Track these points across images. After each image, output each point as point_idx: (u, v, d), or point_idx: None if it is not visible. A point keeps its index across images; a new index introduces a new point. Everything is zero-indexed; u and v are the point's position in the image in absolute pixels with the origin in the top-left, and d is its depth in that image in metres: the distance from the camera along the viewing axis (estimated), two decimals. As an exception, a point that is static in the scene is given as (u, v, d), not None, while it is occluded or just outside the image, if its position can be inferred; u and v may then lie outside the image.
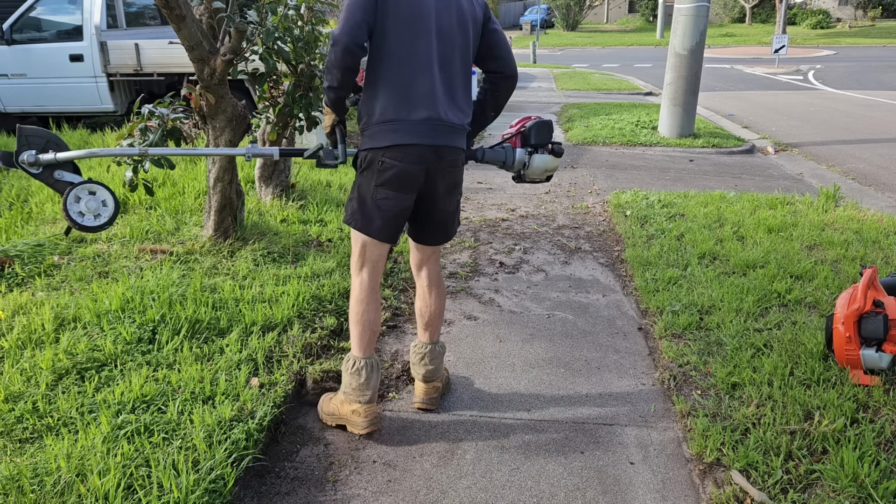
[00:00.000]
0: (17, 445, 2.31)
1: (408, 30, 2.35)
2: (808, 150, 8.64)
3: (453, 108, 2.44)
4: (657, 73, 16.85)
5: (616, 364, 3.19)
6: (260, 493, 2.31)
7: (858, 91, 14.78)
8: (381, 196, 2.41)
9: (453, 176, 2.52)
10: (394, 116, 2.36)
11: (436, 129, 2.38)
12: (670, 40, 8.72)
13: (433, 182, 2.46)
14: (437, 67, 2.40)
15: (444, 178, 2.48)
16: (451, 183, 2.52)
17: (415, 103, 2.37)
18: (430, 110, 2.37)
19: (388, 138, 2.36)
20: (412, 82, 2.37)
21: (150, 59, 7.62)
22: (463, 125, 2.48)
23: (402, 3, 2.34)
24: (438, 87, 2.39)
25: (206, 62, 3.72)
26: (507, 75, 2.59)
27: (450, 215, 2.62)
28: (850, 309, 2.80)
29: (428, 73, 2.38)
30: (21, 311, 3.22)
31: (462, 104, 2.48)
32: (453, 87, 2.45)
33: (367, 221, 2.45)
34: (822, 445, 2.42)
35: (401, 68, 2.37)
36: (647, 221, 5.09)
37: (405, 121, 2.36)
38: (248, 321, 3.20)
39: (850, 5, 39.98)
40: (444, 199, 2.53)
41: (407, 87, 2.37)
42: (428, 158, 2.39)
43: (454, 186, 2.55)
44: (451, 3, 2.41)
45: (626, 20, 46.23)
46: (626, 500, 2.29)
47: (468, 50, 2.48)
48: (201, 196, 5.09)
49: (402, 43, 2.36)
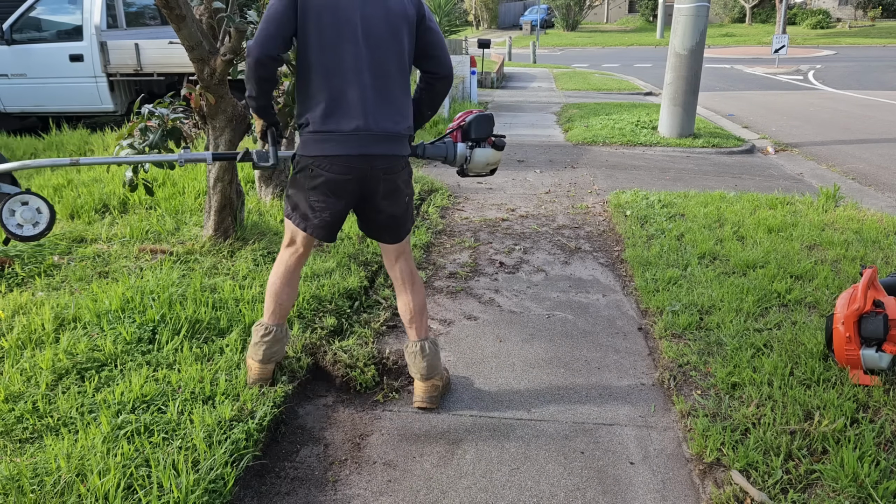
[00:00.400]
0: (17, 445, 2.31)
1: (333, 39, 2.37)
2: (808, 150, 8.65)
3: (388, 115, 2.45)
4: (657, 73, 16.85)
5: (616, 364, 3.19)
6: (260, 493, 2.31)
7: (858, 91, 14.78)
8: (314, 199, 2.49)
9: (391, 182, 2.53)
10: (321, 127, 2.40)
11: (365, 140, 2.41)
12: (670, 40, 8.71)
13: (369, 188, 2.50)
14: (368, 75, 2.41)
15: (379, 184, 2.50)
16: (390, 189, 2.54)
17: (344, 114, 2.39)
18: (359, 120, 2.40)
19: (318, 148, 2.42)
20: (341, 93, 2.39)
21: (150, 59, 7.62)
22: (399, 132, 2.48)
23: (324, 13, 2.35)
24: (369, 95, 2.41)
25: (206, 62, 3.72)
26: (442, 76, 2.58)
27: (395, 218, 2.62)
28: (850, 309, 2.80)
29: (356, 82, 2.39)
30: (21, 311, 3.22)
31: (400, 109, 2.49)
32: (388, 94, 2.45)
33: (303, 219, 2.54)
34: (822, 445, 2.42)
35: (329, 79, 2.39)
36: (647, 221, 5.09)
37: (334, 132, 2.40)
38: (248, 321, 3.20)
39: (850, 5, 39.98)
40: (384, 203, 2.56)
41: (336, 97, 2.39)
42: (358, 168, 2.43)
43: (393, 191, 2.56)
44: (378, 7, 2.40)
45: (626, 20, 46.23)
46: (626, 500, 2.29)
47: (404, 53, 2.48)
48: (201, 196, 5.09)
49: (327, 53, 2.38)
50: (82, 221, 4.65)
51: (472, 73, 11.89)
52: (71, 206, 4.83)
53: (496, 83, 15.97)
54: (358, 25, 2.38)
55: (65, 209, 4.80)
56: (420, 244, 4.63)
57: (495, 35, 35.41)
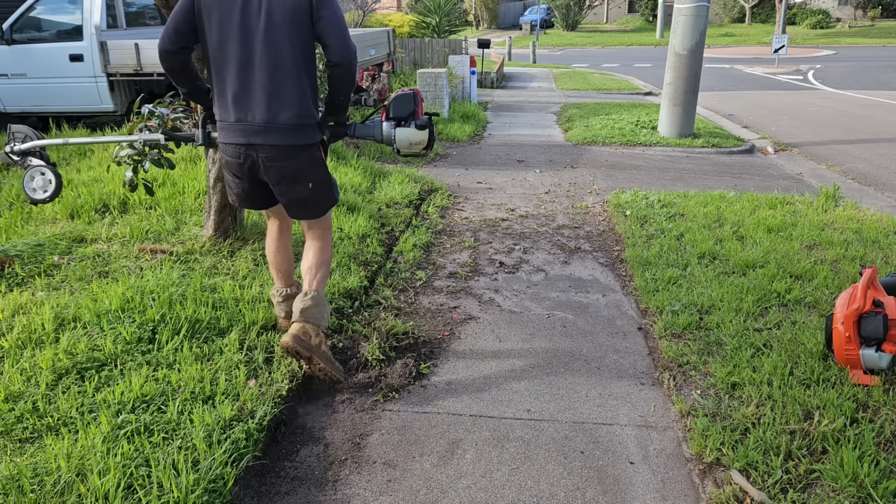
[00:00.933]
0: (17, 445, 2.31)
1: (220, 37, 2.54)
2: (807, 150, 8.65)
3: (270, 107, 2.57)
4: (657, 73, 16.85)
5: (616, 364, 3.19)
6: (260, 492, 2.31)
7: (858, 91, 14.78)
8: (225, 176, 2.86)
9: (281, 169, 2.66)
10: (218, 117, 2.70)
11: (245, 130, 2.60)
12: (670, 40, 8.72)
13: (260, 173, 2.70)
14: (250, 70, 2.55)
15: (268, 171, 2.67)
16: (282, 175, 2.67)
17: (229, 106, 2.61)
18: (239, 113, 2.59)
19: (220, 135, 2.71)
20: (226, 87, 2.60)
21: (150, 59, 7.61)
22: (282, 122, 2.59)
23: (213, 13, 2.52)
24: (251, 90, 2.56)
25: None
26: (334, 63, 2.58)
27: (298, 201, 2.77)
28: (849, 309, 2.80)
29: (238, 78, 2.56)
30: (21, 311, 3.22)
31: (287, 101, 2.57)
32: (272, 87, 2.55)
33: (227, 191, 2.96)
34: (822, 445, 2.42)
35: (218, 73, 2.61)
36: (646, 221, 5.09)
37: (224, 122, 2.66)
38: (248, 321, 3.20)
39: (849, 5, 39.97)
40: (280, 188, 2.72)
41: (224, 90, 2.61)
42: (243, 154, 2.65)
43: (286, 177, 2.68)
44: (261, 3, 2.50)
45: (625, 20, 46.23)
46: (625, 500, 2.29)
47: (297, 44, 2.54)
48: (201, 196, 5.09)
49: (216, 50, 2.56)
50: (82, 221, 4.65)
51: (472, 73, 11.89)
52: (71, 206, 4.83)
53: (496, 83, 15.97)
54: (238, 24, 2.51)
55: (65, 209, 4.80)
56: (420, 244, 4.63)
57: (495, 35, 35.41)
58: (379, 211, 5.32)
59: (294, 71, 2.57)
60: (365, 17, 16.79)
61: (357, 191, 5.66)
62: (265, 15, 2.49)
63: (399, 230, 4.99)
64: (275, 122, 2.58)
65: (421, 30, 19.39)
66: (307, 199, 2.76)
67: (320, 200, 2.81)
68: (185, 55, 2.63)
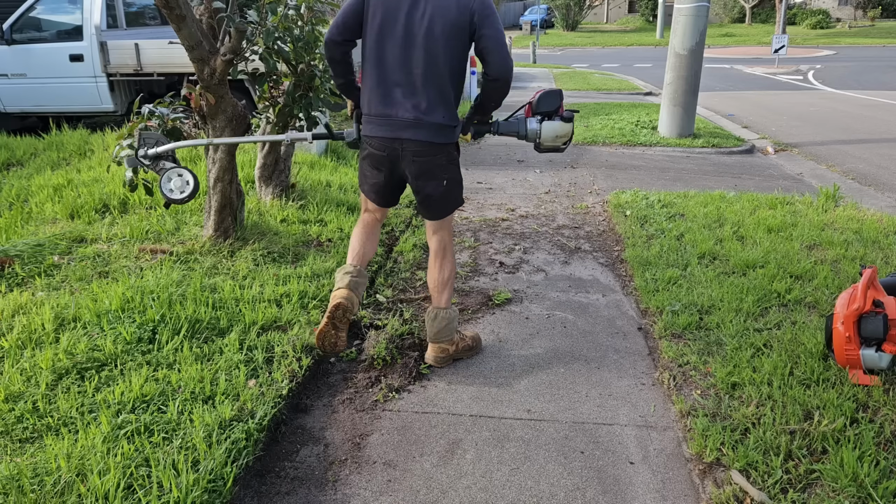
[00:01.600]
0: (17, 445, 2.31)
1: (380, 36, 2.74)
2: (807, 150, 8.64)
3: (424, 106, 2.75)
4: (657, 73, 16.85)
5: (616, 364, 3.19)
6: (260, 492, 2.31)
7: (858, 91, 14.78)
8: (363, 168, 3.01)
9: (420, 164, 2.84)
10: (367, 111, 2.86)
11: (393, 125, 2.79)
12: (670, 40, 8.71)
13: (401, 166, 2.88)
14: (405, 70, 2.74)
15: (409, 165, 2.85)
16: (420, 170, 2.86)
17: (381, 101, 2.79)
18: (389, 108, 2.78)
19: (366, 128, 2.89)
20: (381, 83, 2.79)
21: (150, 59, 7.61)
22: (430, 121, 2.77)
23: (377, 13, 2.72)
24: (407, 89, 2.75)
25: (206, 62, 3.72)
26: (492, 78, 2.78)
27: (428, 198, 2.94)
28: (849, 309, 2.80)
29: (394, 76, 2.76)
30: (21, 311, 3.22)
31: (434, 102, 2.76)
32: (423, 88, 2.75)
33: (361, 181, 3.10)
34: (822, 445, 2.42)
35: (374, 70, 2.79)
36: (646, 221, 5.09)
37: (373, 116, 2.83)
38: (248, 321, 3.20)
39: (849, 5, 39.97)
40: (416, 182, 2.90)
41: (376, 86, 2.80)
42: (388, 147, 2.83)
43: (425, 174, 2.87)
44: (425, 12, 2.69)
45: (625, 20, 46.23)
46: (625, 500, 2.29)
47: (449, 53, 2.74)
48: (201, 196, 5.10)
49: (374, 47, 2.76)
50: (82, 221, 4.65)
51: (472, 73, 11.90)
52: (71, 206, 4.83)
53: (496, 83, 15.94)
54: (402, 27, 2.71)
55: (65, 209, 4.80)
56: (420, 244, 4.63)
57: (495, 35, 35.30)
58: (379, 211, 5.32)
59: (445, 78, 2.76)
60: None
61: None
62: (427, 23, 2.68)
63: (399, 230, 4.99)
64: (423, 121, 2.76)
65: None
66: (441, 196, 2.94)
67: (450, 198, 2.99)
68: (347, 47, 2.84)
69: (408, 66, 2.72)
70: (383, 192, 3.04)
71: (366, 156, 2.94)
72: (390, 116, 2.78)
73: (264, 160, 5.03)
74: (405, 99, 2.75)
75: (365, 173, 3.02)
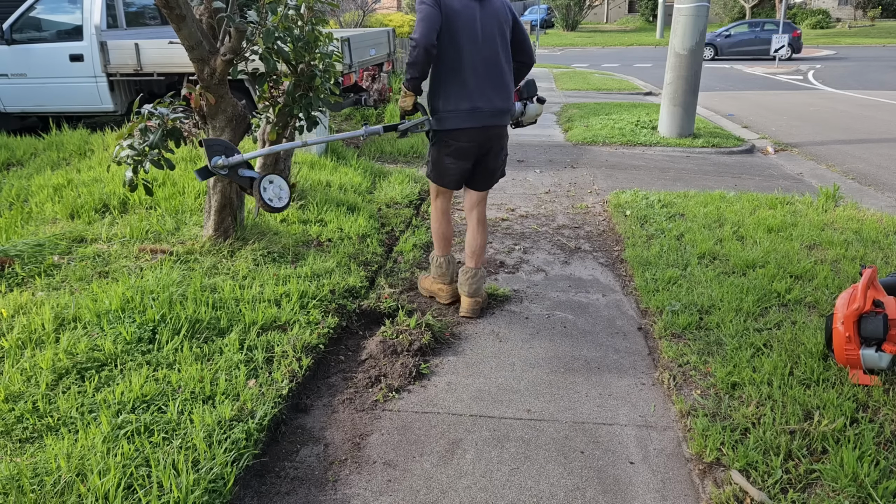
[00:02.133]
0: (17, 445, 2.31)
1: (460, 39, 3.22)
2: (807, 150, 8.64)
3: (497, 96, 3.32)
4: (657, 73, 16.85)
5: (616, 364, 3.19)
6: (260, 492, 2.31)
7: (858, 91, 14.78)
8: (447, 162, 3.45)
9: (499, 141, 3.50)
10: (452, 107, 3.29)
11: (481, 115, 3.31)
12: (670, 40, 8.71)
13: (483, 150, 3.44)
14: (482, 67, 3.26)
15: (491, 146, 3.46)
16: (500, 146, 3.52)
17: (466, 97, 3.26)
18: (472, 102, 3.28)
19: (450, 123, 3.31)
20: (462, 81, 3.25)
21: (150, 59, 7.61)
22: (506, 108, 3.39)
23: (457, 19, 3.21)
24: (483, 83, 3.27)
25: (206, 62, 3.72)
26: (529, 63, 3.56)
27: (496, 171, 3.61)
28: (849, 309, 2.80)
29: (474, 73, 3.26)
30: (21, 311, 3.22)
31: (504, 90, 3.36)
32: (496, 80, 3.32)
33: (439, 177, 3.54)
34: (822, 445, 2.42)
35: (454, 70, 3.25)
36: (646, 221, 5.09)
37: (460, 110, 3.28)
38: (248, 321, 3.20)
39: (849, 5, 39.97)
40: (494, 160, 3.53)
41: (461, 84, 3.26)
42: (479, 136, 3.36)
43: (500, 151, 3.54)
44: (492, 16, 3.29)
45: (625, 20, 46.22)
46: (626, 499, 2.29)
47: (507, 49, 3.39)
48: (201, 196, 5.09)
49: (455, 49, 3.22)
50: (82, 221, 4.65)
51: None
52: (71, 206, 4.83)
53: (496, 83, 15.94)
54: (478, 29, 3.25)
55: (65, 209, 4.80)
56: (420, 244, 4.63)
57: (495, 35, 35.32)
58: (379, 211, 5.32)
59: (508, 68, 3.40)
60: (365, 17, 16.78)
61: (357, 191, 5.66)
62: (496, 25, 3.30)
63: (399, 230, 4.99)
64: (500, 108, 3.35)
65: (421, 30, 19.38)
66: (500, 166, 3.60)
67: (503, 167, 3.65)
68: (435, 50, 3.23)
69: (487, 64, 3.27)
70: (463, 177, 3.53)
71: (450, 150, 3.39)
72: (479, 109, 3.28)
73: (264, 160, 5.02)
74: (491, 92, 3.29)
75: (449, 167, 3.45)
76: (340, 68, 7.24)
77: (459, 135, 3.32)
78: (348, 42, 7.47)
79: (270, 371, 2.86)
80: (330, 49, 4.65)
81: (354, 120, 9.40)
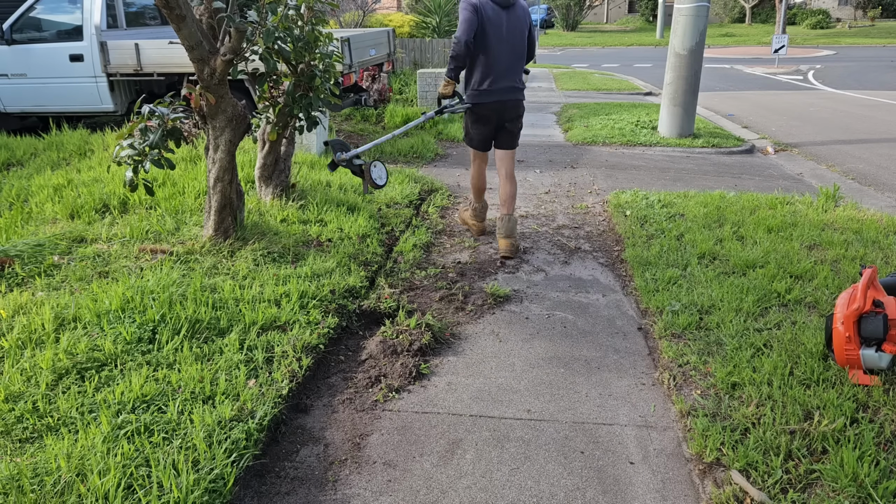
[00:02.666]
0: (17, 445, 2.31)
1: (489, 39, 4.28)
2: (807, 150, 8.64)
3: (513, 78, 4.47)
4: (657, 73, 16.85)
5: (616, 364, 3.19)
6: (260, 492, 2.31)
7: (858, 91, 14.78)
8: (475, 128, 4.60)
9: (515, 110, 4.56)
10: (482, 87, 4.39)
11: (502, 91, 4.42)
12: (670, 40, 8.71)
13: (503, 118, 4.52)
14: (506, 59, 4.38)
15: (511, 112, 4.54)
16: (516, 114, 4.58)
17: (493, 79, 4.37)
18: (499, 83, 4.40)
19: (479, 98, 4.43)
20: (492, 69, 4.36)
21: (150, 59, 7.61)
22: (519, 86, 4.53)
23: (489, 24, 4.26)
24: (505, 70, 4.40)
25: (206, 62, 3.72)
26: (529, 57, 4.62)
27: (515, 133, 4.64)
28: (849, 309, 2.80)
29: (501, 62, 4.36)
30: (21, 311, 3.22)
31: (519, 75, 4.52)
32: (514, 68, 4.46)
33: (470, 140, 4.70)
34: (822, 445, 2.42)
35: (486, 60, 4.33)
36: (646, 221, 5.09)
37: (487, 89, 4.39)
38: (248, 321, 3.20)
39: (849, 5, 39.97)
40: (513, 123, 4.58)
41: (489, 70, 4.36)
42: (498, 106, 4.46)
43: (517, 116, 4.60)
44: (514, 21, 4.37)
45: (625, 20, 46.22)
46: (626, 499, 2.29)
47: (524, 45, 4.50)
48: (201, 196, 5.09)
49: (486, 46, 4.30)
50: (82, 221, 4.65)
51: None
52: (71, 206, 4.83)
53: (496, 83, 15.92)
54: (503, 33, 4.32)
55: (65, 209, 4.80)
56: (420, 244, 4.63)
57: (495, 35, 35.29)
58: (379, 211, 5.32)
59: (523, 60, 4.53)
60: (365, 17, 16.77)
61: (357, 191, 5.65)
62: (518, 29, 4.40)
63: (399, 230, 4.99)
64: (516, 87, 4.49)
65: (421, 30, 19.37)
66: (518, 130, 4.66)
67: (520, 131, 4.71)
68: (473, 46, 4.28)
69: (508, 56, 4.36)
70: (488, 139, 4.63)
71: (476, 118, 4.50)
72: (500, 88, 4.39)
73: (264, 160, 5.03)
74: (507, 74, 4.39)
75: (477, 130, 4.57)
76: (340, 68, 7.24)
77: (482, 108, 4.43)
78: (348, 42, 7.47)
79: (270, 371, 2.86)
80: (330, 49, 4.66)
81: (354, 120, 9.40)
